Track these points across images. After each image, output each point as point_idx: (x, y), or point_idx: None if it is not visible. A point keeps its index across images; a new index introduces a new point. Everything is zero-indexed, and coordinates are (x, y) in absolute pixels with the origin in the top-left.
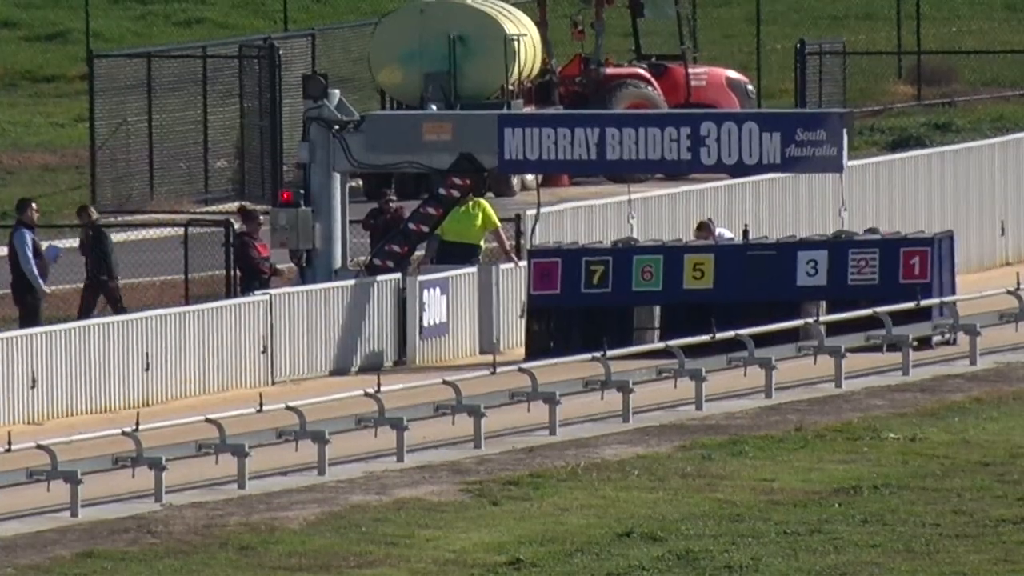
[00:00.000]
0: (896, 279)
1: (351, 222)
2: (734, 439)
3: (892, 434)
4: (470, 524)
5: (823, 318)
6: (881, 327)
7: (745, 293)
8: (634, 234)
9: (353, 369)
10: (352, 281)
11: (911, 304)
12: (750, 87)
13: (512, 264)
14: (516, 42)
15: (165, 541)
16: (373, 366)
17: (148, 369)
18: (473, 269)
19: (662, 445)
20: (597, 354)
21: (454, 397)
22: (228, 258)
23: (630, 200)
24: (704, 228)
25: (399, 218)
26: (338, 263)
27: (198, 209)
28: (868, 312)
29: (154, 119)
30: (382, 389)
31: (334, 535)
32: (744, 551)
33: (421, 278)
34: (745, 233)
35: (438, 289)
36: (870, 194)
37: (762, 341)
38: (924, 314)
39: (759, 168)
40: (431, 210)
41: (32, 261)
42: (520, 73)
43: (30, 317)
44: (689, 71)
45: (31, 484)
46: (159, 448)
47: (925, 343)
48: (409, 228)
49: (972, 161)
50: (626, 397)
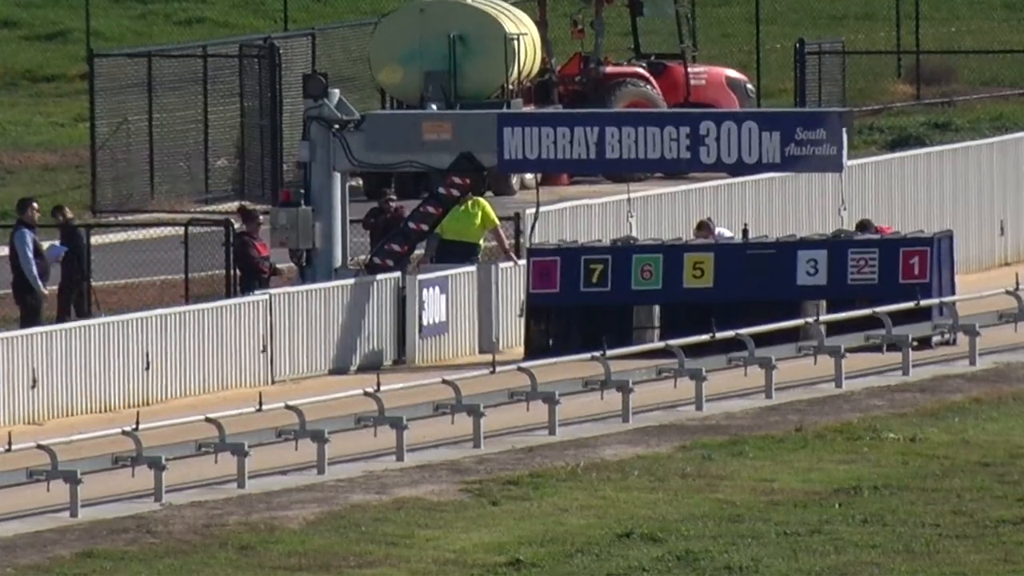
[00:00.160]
0: (896, 279)
1: (351, 221)
2: (734, 439)
3: (892, 434)
4: (470, 524)
5: (823, 318)
6: (881, 327)
7: (745, 292)
8: (633, 233)
9: (352, 368)
10: (352, 280)
11: (911, 304)
12: (749, 86)
13: (511, 263)
14: (516, 41)
15: (165, 541)
16: (372, 365)
17: (148, 368)
18: (472, 268)
19: (662, 445)
20: (597, 354)
21: (453, 396)
22: (228, 258)
23: (629, 199)
24: (704, 227)
25: (399, 217)
26: (338, 262)
27: (198, 209)
28: (868, 312)
29: (154, 118)
30: (381, 388)
31: (334, 535)
32: (744, 552)
33: (420, 277)
34: (745, 232)
35: (437, 288)
36: (869, 193)
37: (762, 341)
38: (924, 314)
39: (759, 167)
40: (431, 209)
41: (32, 261)
42: (520, 72)
43: (30, 317)
44: (688, 70)
45: (31, 484)
46: (159, 448)
47: (925, 343)
48: (409, 227)
49: (971, 161)
50: (626, 397)
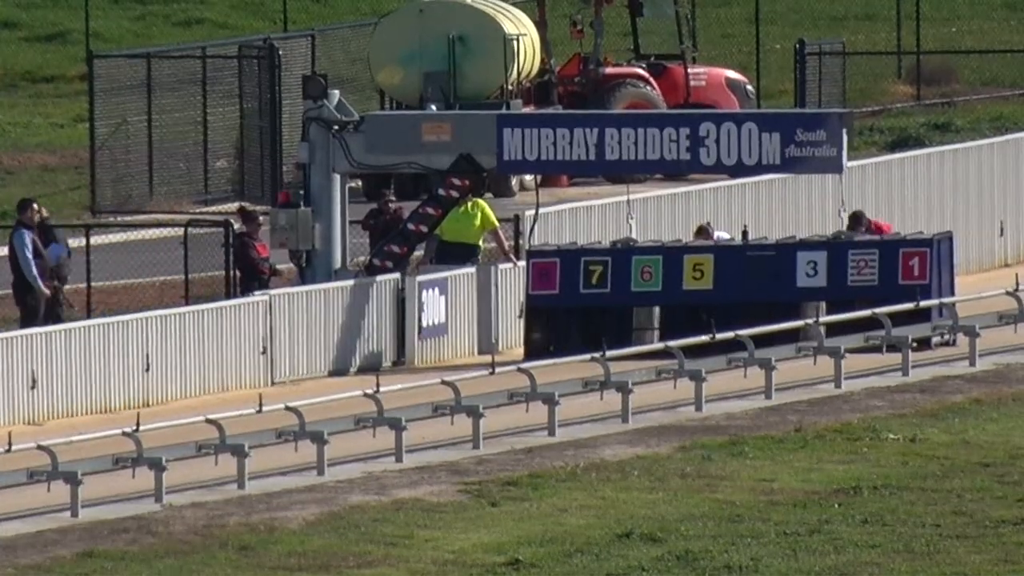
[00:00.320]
0: (895, 280)
1: (350, 222)
2: (734, 440)
3: (892, 435)
4: (469, 524)
5: (823, 319)
6: (880, 328)
7: (745, 294)
8: (633, 234)
9: (352, 369)
10: (351, 281)
11: (910, 305)
12: (749, 87)
13: (511, 264)
14: (515, 42)
15: (165, 541)
16: (372, 366)
17: (148, 369)
18: (472, 270)
19: (661, 446)
20: (596, 355)
21: (453, 397)
22: (228, 258)
23: (629, 200)
24: (703, 232)
25: (398, 218)
26: (337, 263)
27: (198, 209)
28: (867, 313)
29: (154, 119)
30: (381, 389)
31: (333, 535)
32: (744, 551)
33: (420, 278)
34: (744, 234)
35: (437, 289)
36: (869, 195)
37: (762, 342)
38: (923, 315)
39: (758, 168)
40: (430, 210)
41: (32, 262)
42: (519, 73)
43: (31, 317)
44: (688, 71)
45: (32, 484)
46: (159, 448)
47: (924, 344)
48: (408, 228)
49: (971, 161)
50: (625, 398)
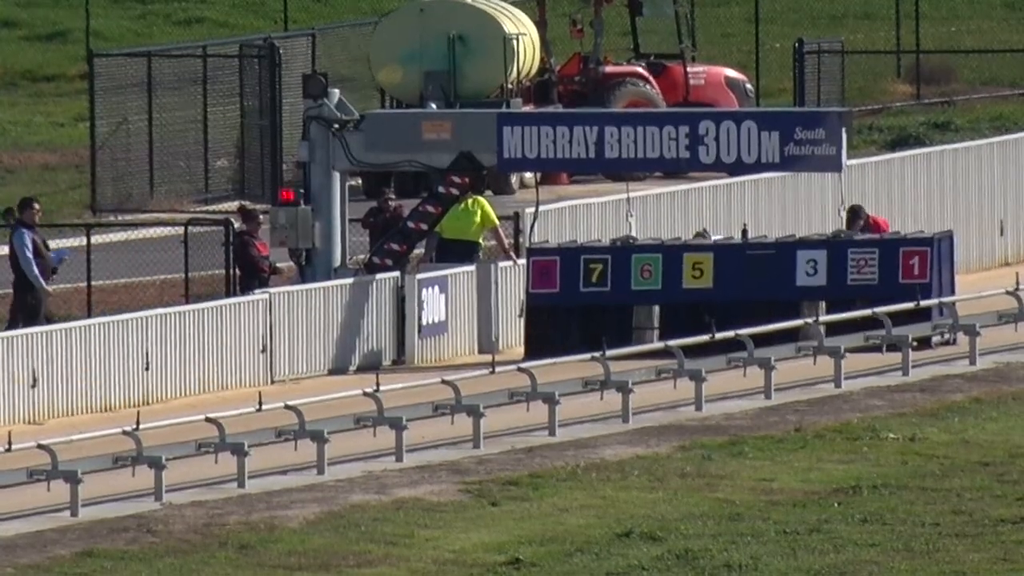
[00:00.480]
0: (895, 279)
1: (350, 221)
2: (733, 439)
3: (891, 434)
4: (469, 524)
5: (822, 318)
6: (880, 327)
7: (744, 293)
8: (633, 233)
9: (352, 368)
10: (351, 280)
11: (910, 304)
12: (749, 86)
13: (511, 262)
14: (515, 41)
15: (165, 540)
16: (372, 365)
17: (148, 368)
18: (472, 268)
19: (661, 445)
20: (596, 354)
21: (453, 397)
22: (228, 257)
23: (629, 199)
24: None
25: (398, 217)
26: (337, 262)
27: (198, 208)
28: (867, 312)
29: (154, 118)
30: (381, 388)
31: (333, 534)
32: (743, 551)
33: (420, 277)
34: (744, 232)
35: (437, 288)
36: (869, 193)
37: (761, 341)
38: (923, 314)
39: (758, 167)
40: (430, 208)
41: (32, 261)
42: (519, 72)
43: (31, 317)
44: (688, 70)
45: (31, 484)
46: (159, 447)
47: (924, 343)
48: (408, 227)
49: (971, 161)
50: (625, 397)
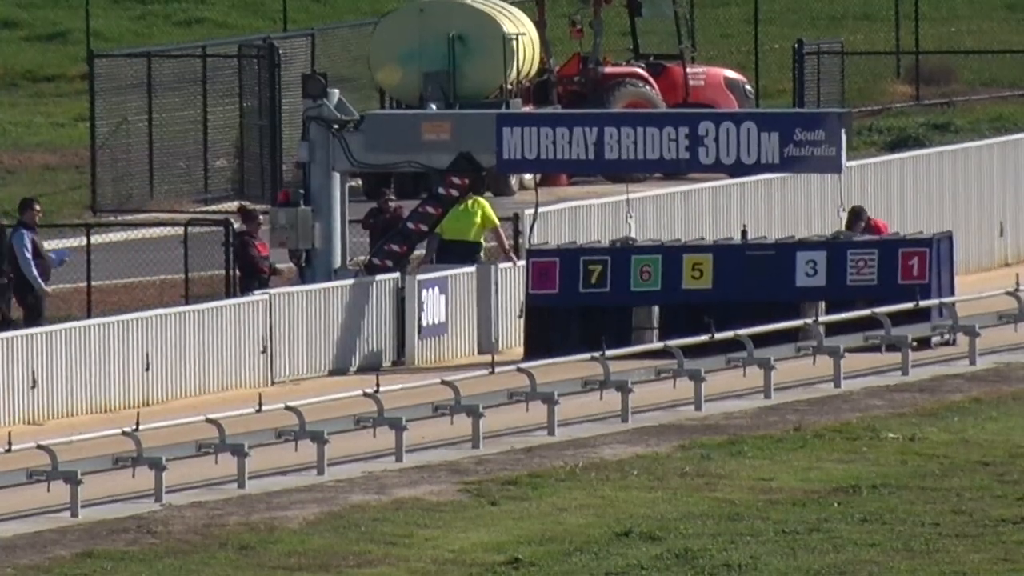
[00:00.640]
0: (895, 280)
1: (350, 221)
2: (733, 439)
3: (891, 434)
4: (469, 524)
5: (822, 318)
6: (880, 327)
7: (744, 293)
8: (632, 234)
9: (352, 369)
10: (351, 281)
11: (910, 305)
12: (748, 87)
13: (510, 263)
14: (515, 41)
15: (165, 541)
16: (372, 366)
17: (148, 369)
18: (472, 269)
19: (661, 445)
20: (596, 354)
21: (453, 397)
22: (228, 258)
23: (628, 200)
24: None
25: (398, 217)
26: (337, 263)
27: (198, 208)
28: (867, 312)
29: (154, 119)
30: (381, 389)
31: (333, 535)
32: (743, 550)
33: (420, 278)
34: (743, 233)
35: (437, 289)
36: (869, 194)
37: (761, 341)
38: (923, 315)
39: (757, 168)
40: (430, 209)
41: (31, 262)
42: (519, 72)
43: (32, 317)
44: (687, 71)
45: (31, 484)
46: (159, 448)
47: (924, 343)
48: (408, 227)
49: (971, 161)
50: (625, 397)
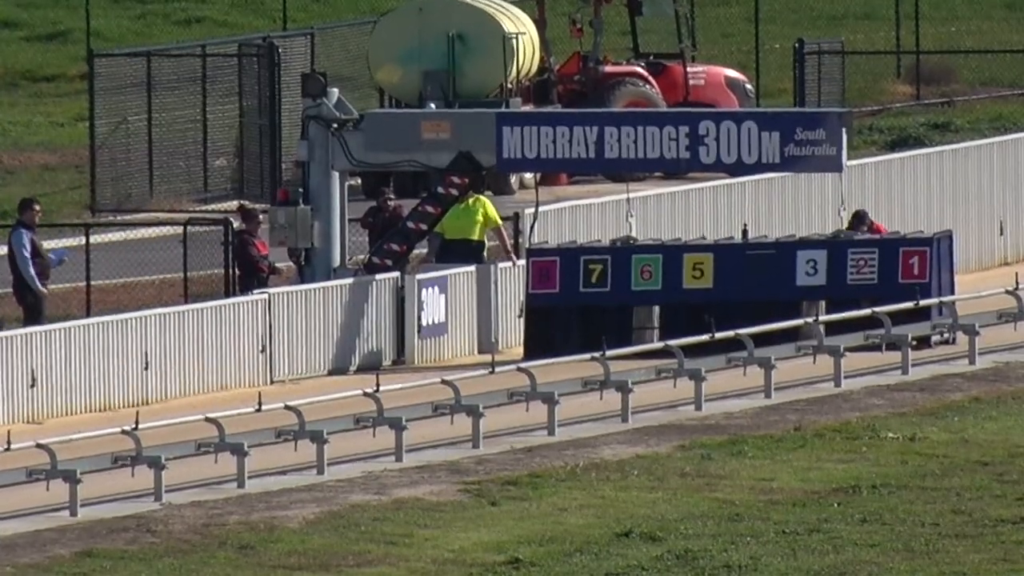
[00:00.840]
0: (895, 279)
1: (350, 221)
2: (733, 439)
3: (891, 433)
4: (469, 524)
5: (822, 318)
6: (880, 327)
7: (744, 292)
8: (633, 233)
9: (351, 368)
10: (351, 280)
11: (910, 304)
12: (749, 86)
13: (510, 263)
14: (515, 40)
15: (164, 540)
16: (371, 365)
17: (147, 368)
18: (472, 268)
19: (661, 445)
20: (596, 354)
21: (453, 397)
22: (227, 257)
23: (629, 199)
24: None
25: (398, 217)
26: (337, 262)
27: (197, 208)
28: (867, 312)
29: (154, 118)
30: (381, 389)
31: (333, 534)
32: (743, 550)
33: (419, 277)
34: (744, 232)
35: (437, 288)
36: (869, 194)
37: (761, 341)
38: (923, 314)
39: (758, 167)
40: (429, 208)
41: (29, 261)
42: (519, 71)
43: (32, 317)
44: (687, 70)
45: (30, 483)
46: (158, 447)
47: (924, 343)
48: (408, 227)
49: (971, 161)
50: (625, 397)
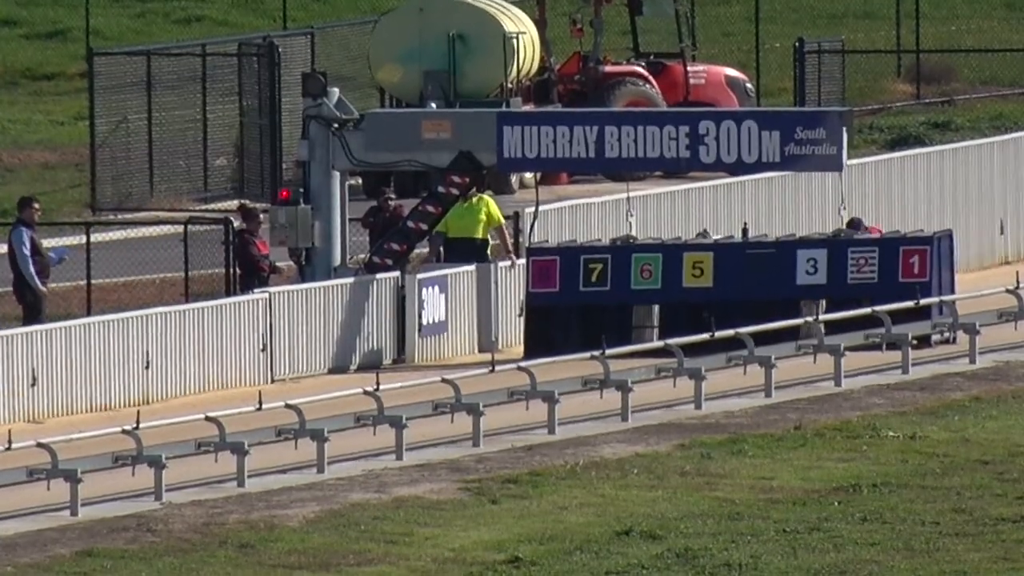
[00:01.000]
0: (895, 278)
1: (350, 220)
2: (733, 438)
3: (891, 432)
4: (469, 522)
5: (822, 317)
6: (880, 326)
7: (744, 291)
8: (633, 232)
9: (352, 367)
10: (351, 279)
11: (910, 303)
12: (749, 85)
13: (510, 262)
14: (515, 40)
15: (165, 539)
16: (372, 364)
17: (148, 367)
18: (472, 267)
19: (661, 444)
20: (596, 353)
21: (453, 395)
22: (228, 256)
23: (629, 198)
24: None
25: (398, 216)
26: (337, 261)
27: (198, 207)
28: (867, 311)
29: (154, 117)
30: (381, 387)
31: (333, 533)
32: (743, 549)
33: (420, 276)
34: (744, 231)
35: (437, 287)
36: (869, 193)
37: (761, 340)
38: (923, 313)
39: (758, 167)
40: (430, 208)
41: (29, 260)
42: (519, 71)
43: (32, 315)
44: (688, 69)
45: (31, 483)
46: (159, 446)
47: (924, 342)
48: (408, 226)
49: (971, 160)
50: (625, 396)
